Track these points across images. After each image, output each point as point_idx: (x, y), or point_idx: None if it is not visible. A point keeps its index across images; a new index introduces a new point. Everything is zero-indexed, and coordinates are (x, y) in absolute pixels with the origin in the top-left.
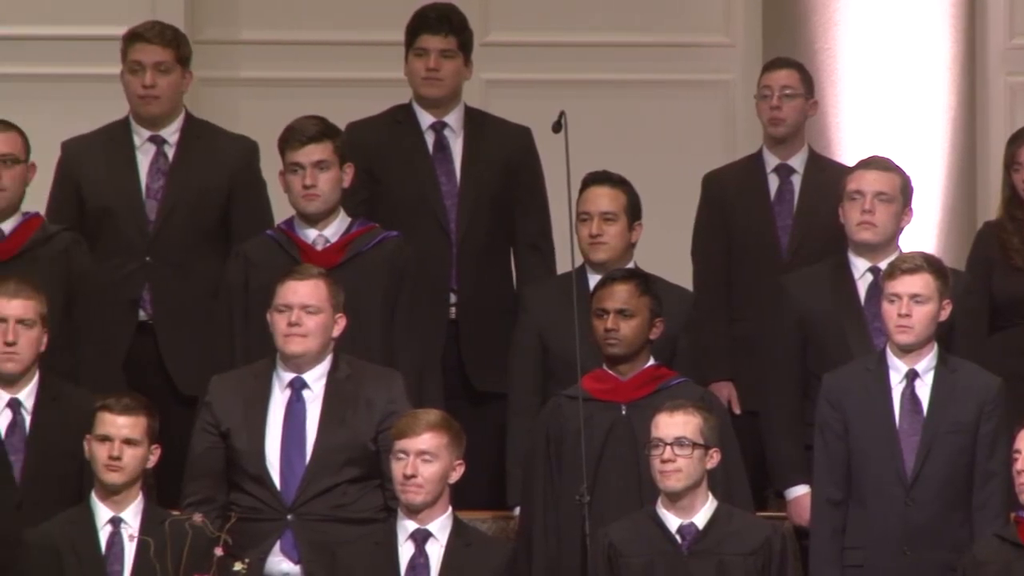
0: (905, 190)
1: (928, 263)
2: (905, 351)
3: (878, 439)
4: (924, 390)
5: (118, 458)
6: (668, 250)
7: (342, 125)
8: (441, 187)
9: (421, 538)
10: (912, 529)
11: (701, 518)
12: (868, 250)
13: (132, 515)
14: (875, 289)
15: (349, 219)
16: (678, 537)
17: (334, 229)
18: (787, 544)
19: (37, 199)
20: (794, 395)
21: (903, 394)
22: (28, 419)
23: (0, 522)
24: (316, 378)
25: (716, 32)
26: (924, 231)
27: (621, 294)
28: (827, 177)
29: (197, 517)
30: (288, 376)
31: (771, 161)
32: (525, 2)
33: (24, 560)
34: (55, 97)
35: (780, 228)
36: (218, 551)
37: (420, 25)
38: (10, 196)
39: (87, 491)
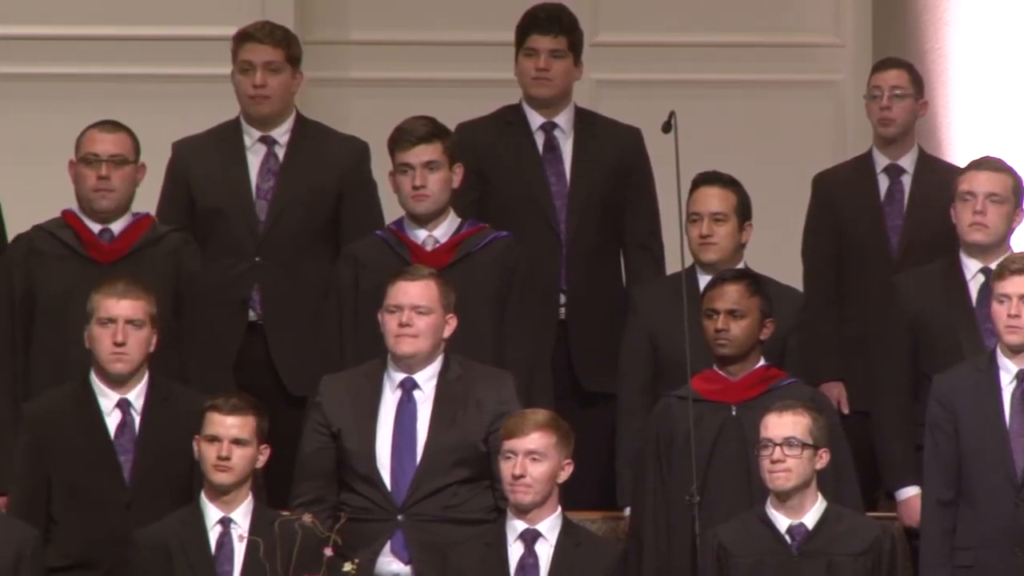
0: (1017, 191)
1: None
2: (1015, 351)
3: (988, 439)
4: None
5: (227, 458)
6: (778, 250)
7: (452, 125)
8: (551, 187)
9: (530, 538)
10: (1022, 529)
11: (811, 518)
12: (979, 251)
13: (242, 515)
14: (986, 290)
15: (459, 219)
16: (788, 537)
17: (444, 229)
18: (897, 545)
19: (148, 200)
20: (905, 395)
21: (1013, 394)
22: (138, 420)
23: (110, 522)
24: (427, 379)
25: (826, 32)
26: None
27: (731, 294)
28: (937, 177)
29: (307, 517)
30: (399, 376)
31: (881, 161)
32: (635, 2)
33: (134, 560)
34: (166, 97)
35: (890, 228)
36: (328, 551)
37: (530, 25)
38: (120, 196)
39: (197, 491)
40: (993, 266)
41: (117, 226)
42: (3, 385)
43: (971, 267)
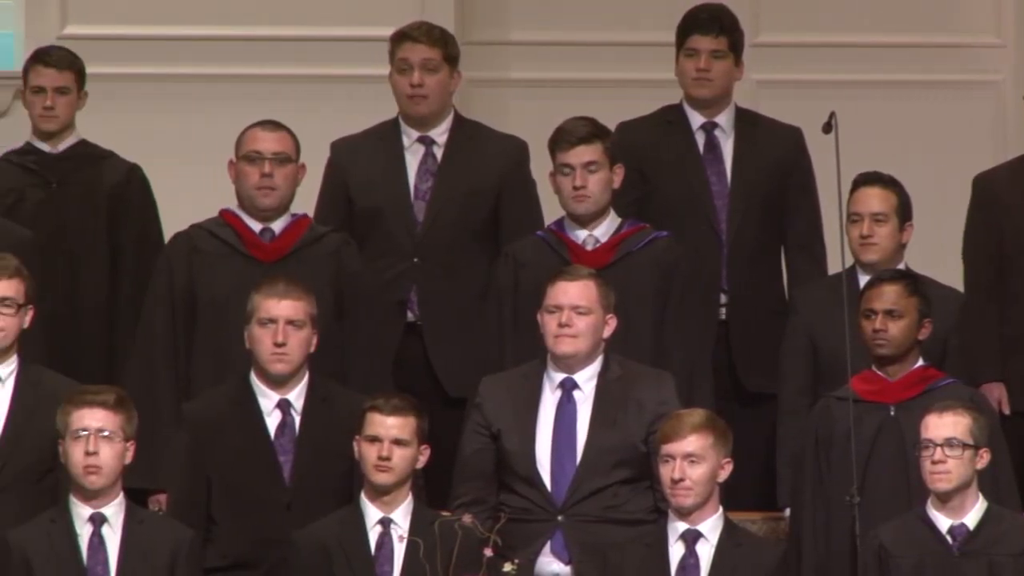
0: None
1: None
2: None
3: None
4: None
5: (387, 459)
6: (938, 251)
7: (612, 126)
8: (712, 187)
9: (692, 539)
10: None
11: (972, 519)
12: None
13: (402, 516)
14: None
15: (619, 219)
16: (948, 538)
17: (604, 229)
18: None
19: (304, 200)
20: None
21: None
22: (298, 420)
23: (270, 523)
24: (587, 379)
25: (987, 32)
26: None
27: (890, 295)
28: None
29: (467, 518)
30: (559, 377)
31: None
32: (796, 3)
33: (294, 561)
34: (325, 98)
35: None
36: (488, 552)
37: (691, 25)
38: (282, 195)
39: (356, 492)
40: None
41: (278, 225)
42: (163, 385)
43: None
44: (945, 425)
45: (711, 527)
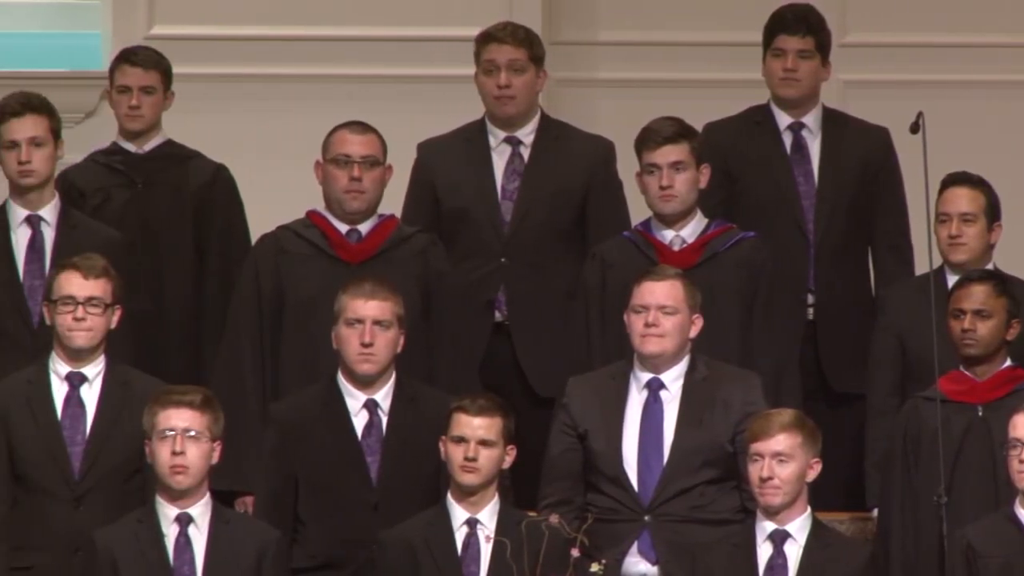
0: None
1: None
2: None
3: None
4: None
5: (474, 459)
6: None
7: (699, 126)
8: (799, 187)
9: (779, 539)
10: None
11: None
12: None
13: (488, 516)
14: None
15: (706, 220)
16: None
17: (691, 230)
18: None
19: (391, 201)
20: None
21: None
22: (385, 420)
23: (357, 523)
24: (673, 379)
25: None
26: None
27: (978, 295)
28: None
29: (554, 518)
30: (645, 377)
31: None
32: (884, 3)
33: (381, 561)
34: (412, 99)
35: None
36: (575, 552)
37: (778, 25)
38: (369, 197)
39: (443, 492)
40: None
41: (364, 227)
42: (250, 386)
43: None
44: None
45: (799, 527)
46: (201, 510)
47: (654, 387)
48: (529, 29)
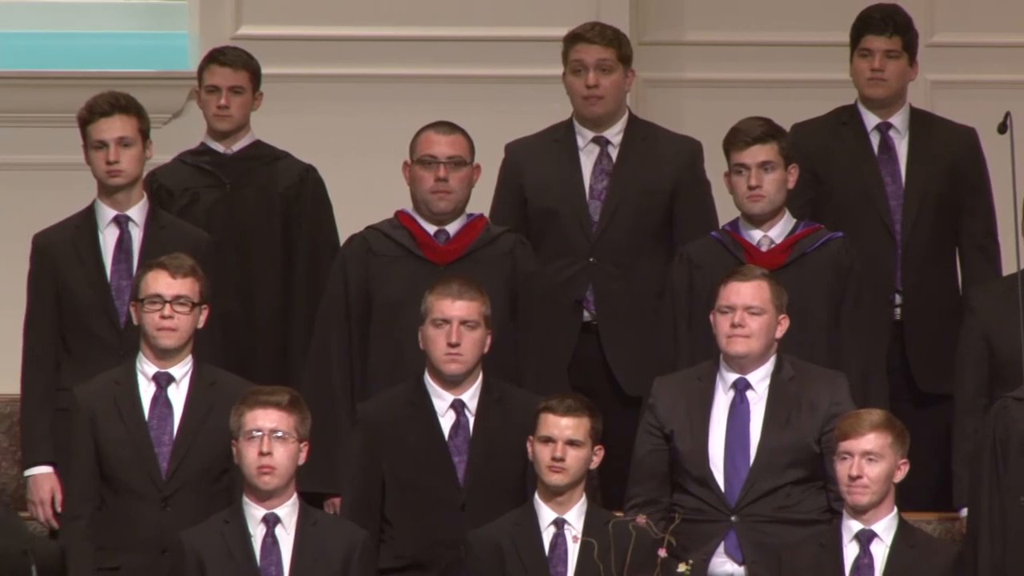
0: None
1: None
2: None
3: None
4: None
5: (561, 460)
6: None
7: (787, 126)
8: (886, 188)
9: (866, 539)
10: None
11: None
12: None
13: (575, 516)
14: None
15: (794, 220)
16: None
17: (779, 230)
18: None
19: (480, 201)
20: None
21: None
22: (472, 420)
23: (444, 523)
24: (760, 379)
25: None
26: None
27: None
28: None
29: (641, 518)
30: (732, 377)
31: None
32: (971, 3)
33: (468, 561)
34: (499, 99)
35: None
36: (662, 552)
37: (864, 26)
38: (456, 198)
39: (530, 492)
40: None
41: (452, 227)
42: (338, 387)
43: None
44: None
45: (886, 527)
46: (288, 511)
47: (740, 387)
48: (617, 29)
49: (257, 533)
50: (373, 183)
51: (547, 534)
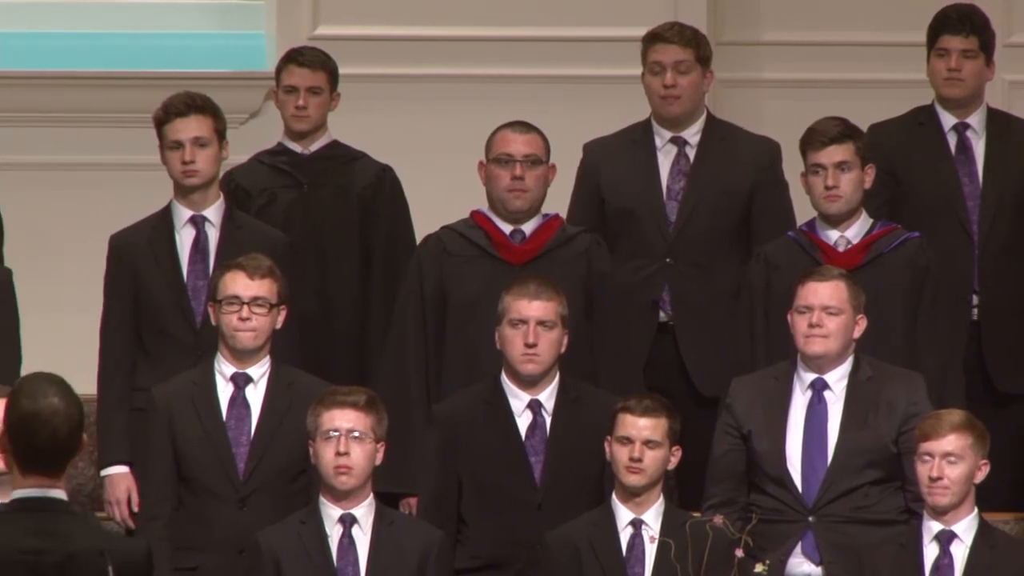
0: None
1: None
2: None
3: None
4: None
5: (639, 460)
6: None
7: (864, 126)
8: (963, 188)
9: (946, 539)
10: None
11: None
12: None
13: (653, 517)
14: None
15: (871, 220)
16: None
17: (856, 230)
18: None
19: (556, 201)
20: None
21: None
22: (548, 421)
23: (521, 524)
24: (837, 379)
25: None
26: None
27: None
28: None
29: (717, 519)
30: (809, 377)
31: None
32: None
33: (545, 562)
34: (577, 98)
35: None
36: (739, 553)
37: (941, 26)
38: (532, 197)
39: (608, 493)
40: None
41: (528, 227)
42: (415, 387)
43: None
44: None
45: (965, 528)
46: (365, 511)
47: (818, 387)
48: (696, 29)
49: (334, 533)
50: (449, 183)
51: (624, 534)
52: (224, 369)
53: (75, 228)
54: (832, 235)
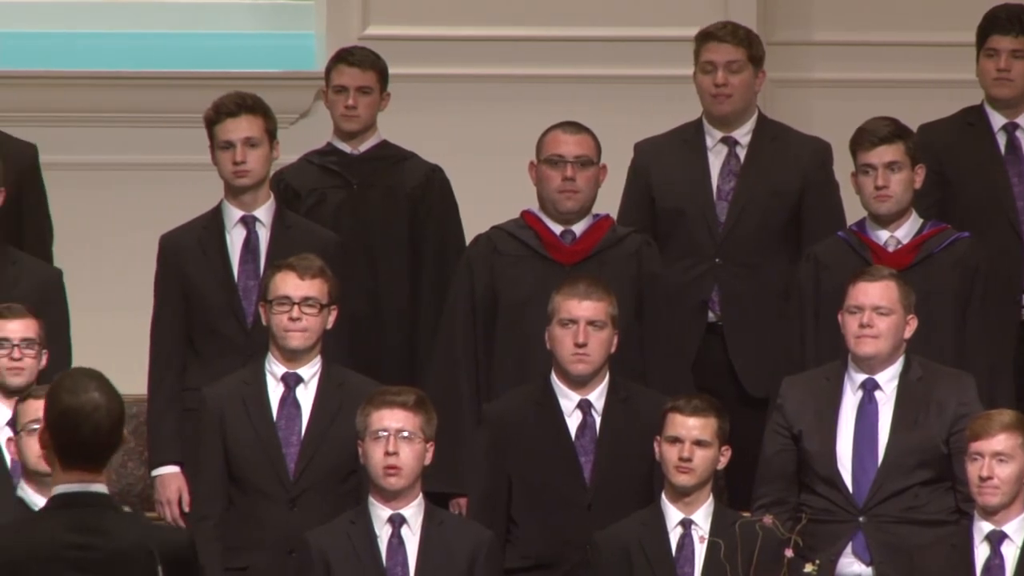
0: None
1: None
2: None
3: None
4: None
5: (688, 460)
6: None
7: (914, 126)
8: (1013, 188)
9: (996, 540)
10: None
11: None
12: None
13: (702, 517)
14: None
15: (921, 220)
16: None
17: (906, 230)
18: None
19: (607, 200)
20: None
21: None
22: (598, 420)
23: (571, 523)
24: (888, 379)
25: None
26: None
27: None
28: None
29: (767, 519)
30: (860, 377)
31: None
32: None
33: (595, 561)
34: (628, 98)
35: None
36: (788, 553)
37: (990, 25)
38: (583, 197)
39: (657, 492)
40: None
41: (579, 227)
42: (465, 387)
43: None
44: None
45: (1016, 528)
46: (414, 511)
47: (869, 388)
48: (750, 29)
49: (383, 533)
50: (499, 183)
51: (674, 534)
52: (275, 369)
53: (125, 228)
54: (882, 235)
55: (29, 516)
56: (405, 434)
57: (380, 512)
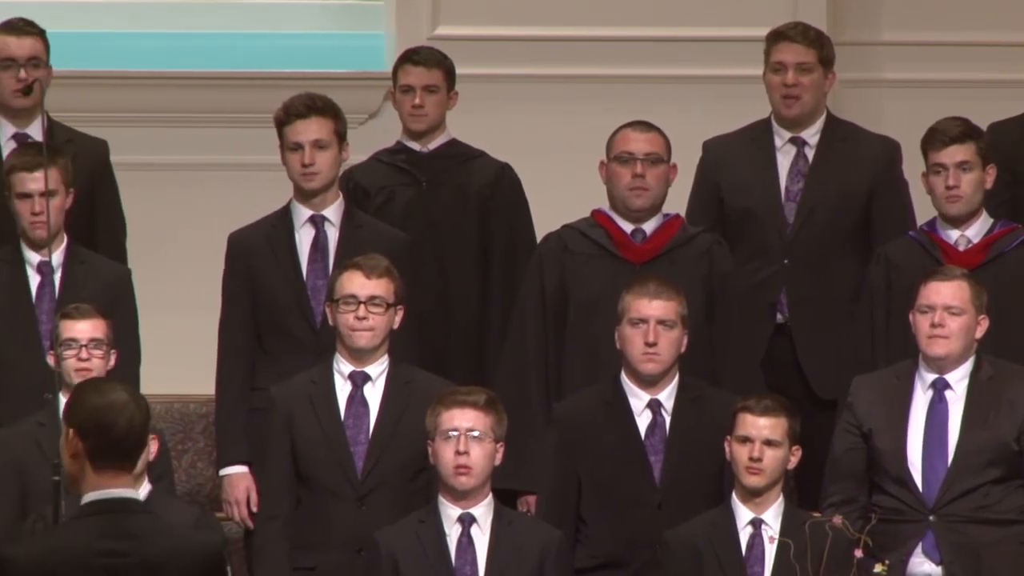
0: None
1: None
2: None
3: None
4: None
5: (758, 460)
6: None
7: (984, 126)
8: None
9: None
10: None
11: None
12: None
13: (772, 517)
14: None
15: (991, 220)
16: None
17: (976, 230)
18: None
19: (677, 200)
20: None
21: None
22: (668, 420)
23: (640, 523)
24: (959, 378)
25: None
26: None
27: None
28: None
29: (837, 519)
30: (931, 377)
31: None
32: None
33: (665, 561)
34: (699, 98)
35: None
36: (858, 553)
37: None
38: (654, 195)
39: (727, 492)
40: None
41: (649, 226)
42: (534, 386)
43: None
44: None
45: None
46: (483, 510)
47: (939, 387)
48: (821, 31)
49: (452, 533)
50: (569, 182)
51: (744, 534)
52: (342, 368)
53: (195, 228)
54: (953, 235)
55: (62, 523)
56: (476, 434)
57: (450, 511)
